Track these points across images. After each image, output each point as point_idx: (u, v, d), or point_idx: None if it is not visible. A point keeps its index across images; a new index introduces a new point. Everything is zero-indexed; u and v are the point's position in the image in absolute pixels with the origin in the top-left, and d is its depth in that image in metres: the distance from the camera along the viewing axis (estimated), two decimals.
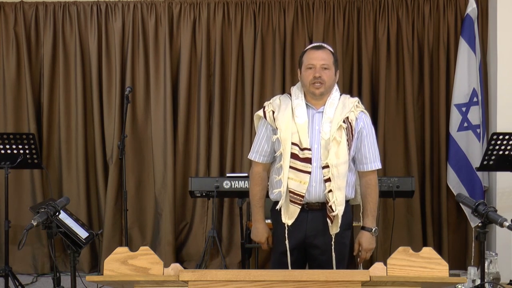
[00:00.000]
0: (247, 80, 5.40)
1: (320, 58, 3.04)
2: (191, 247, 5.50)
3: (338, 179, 2.99)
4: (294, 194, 3.01)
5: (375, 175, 3.17)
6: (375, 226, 3.14)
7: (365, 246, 3.13)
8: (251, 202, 3.23)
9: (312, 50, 3.11)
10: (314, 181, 3.00)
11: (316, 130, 3.03)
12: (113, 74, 5.45)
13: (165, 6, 5.43)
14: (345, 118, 3.03)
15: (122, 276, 2.14)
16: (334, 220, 3.01)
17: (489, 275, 3.32)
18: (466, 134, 5.09)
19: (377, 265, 2.15)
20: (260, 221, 3.20)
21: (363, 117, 3.11)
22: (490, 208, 2.82)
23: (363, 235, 3.14)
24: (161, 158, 5.44)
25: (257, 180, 3.17)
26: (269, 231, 3.24)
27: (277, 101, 3.13)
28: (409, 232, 5.32)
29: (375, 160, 3.14)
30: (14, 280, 4.39)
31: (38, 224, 2.87)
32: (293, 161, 3.00)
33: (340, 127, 3.00)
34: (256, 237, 3.24)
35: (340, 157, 2.99)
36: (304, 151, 3.00)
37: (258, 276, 2.12)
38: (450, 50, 5.28)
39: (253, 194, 3.19)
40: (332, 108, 3.06)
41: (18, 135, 4.51)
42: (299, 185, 2.99)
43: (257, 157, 3.16)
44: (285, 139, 3.01)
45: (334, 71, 3.09)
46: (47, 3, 5.48)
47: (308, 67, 3.05)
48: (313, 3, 5.37)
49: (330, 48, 3.16)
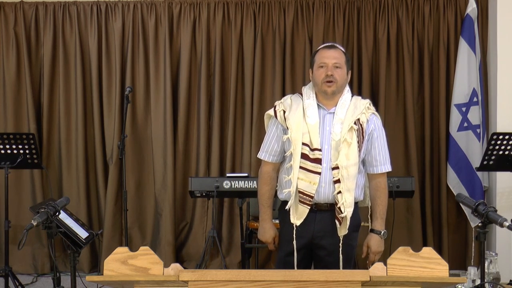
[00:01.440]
0: (247, 80, 5.40)
1: (332, 57, 3.03)
2: (191, 247, 5.51)
3: (348, 181, 2.97)
4: (303, 194, 3.00)
5: (385, 177, 3.15)
6: (384, 229, 3.12)
7: (373, 249, 3.12)
8: (259, 202, 3.21)
9: (324, 49, 3.10)
10: (323, 182, 2.99)
11: (327, 131, 3.02)
12: (113, 74, 5.45)
13: (165, 6, 5.43)
14: (356, 120, 3.01)
15: (122, 276, 2.14)
16: (342, 222, 3.00)
17: (489, 275, 3.32)
18: (466, 134, 5.09)
19: (377, 265, 2.15)
20: (267, 221, 3.19)
21: (374, 119, 3.10)
22: (490, 208, 2.83)
23: (372, 238, 3.12)
24: (161, 158, 5.44)
25: (266, 179, 3.16)
26: (276, 231, 3.23)
27: (288, 100, 3.11)
28: (409, 232, 5.31)
29: (385, 163, 3.13)
30: (14, 280, 4.39)
31: (38, 224, 2.87)
32: (303, 161, 2.99)
33: (351, 129, 2.99)
34: (263, 236, 3.23)
35: (351, 158, 2.97)
36: (315, 151, 2.98)
37: (258, 276, 2.12)
38: (450, 50, 5.28)
39: (261, 193, 3.18)
40: (343, 109, 3.04)
41: (18, 135, 4.51)
42: (308, 185, 2.98)
43: (267, 157, 3.15)
44: (295, 139, 3.00)
45: (346, 71, 3.08)
46: (47, 3, 5.48)
47: (320, 66, 3.04)
48: (313, 3, 5.37)
49: (342, 48, 3.15)
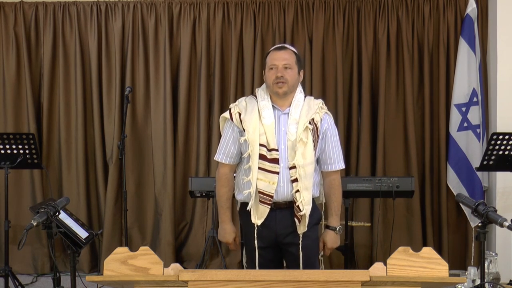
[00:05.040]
0: (247, 80, 5.40)
1: (281, 58, 3.10)
2: (191, 247, 5.50)
3: (305, 179, 3.04)
4: (263, 194, 3.05)
5: (339, 175, 3.24)
6: (339, 225, 3.21)
7: (329, 244, 3.21)
8: (218, 204, 3.27)
9: (274, 51, 3.18)
10: (282, 181, 3.05)
11: (283, 131, 3.08)
12: (113, 74, 5.45)
13: (165, 6, 5.43)
14: (310, 120, 3.08)
15: (122, 276, 2.14)
16: (301, 219, 3.07)
17: (489, 275, 3.33)
18: (466, 134, 5.09)
19: (377, 265, 2.15)
20: (227, 222, 3.25)
21: (327, 119, 3.17)
22: (490, 208, 2.83)
23: (328, 234, 3.20)
24: (161, 158, 5.44)
25: (224, 181, 3.20)
26: (236, 232, 3.29)
27: (243, 103, 3.17)
28: (409, 232, 5.31)
29: (338, 161, 3.20)
30: (14, 280, 4.39)
31: (38, 224, 2.88)
32: (262, 162, 3.04)
33: (306, 128, 3.06)
34: (224, 237, 3.28)
35: (307, 157, 3.04)
36: (272, 151, 3.04)
37: (258, 276, 2.12)
38: (450, 50, 5.28)
39: (220, 195, 3.23)
40: (297, 109, 3.11)
41: (18, 135, 4.51)
42: (268, 185, 3.04)
43: (224, 159, 3.19)
44: (253, 141, 3.05)
45: (297, 71, 3.15)
46: (47, 3, 5.48)
47: (270, 68, 3.12)
48: (313, 3, 5.37)
49: (293, 48, 3.21)
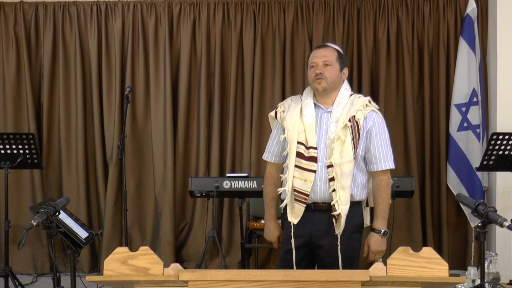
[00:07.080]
0: (247, 80, 5.40)
1: (321, 55, 3.08)
2: (191, 247, 5.50)
3: (342, 178, 2.97)
4: (298, 192, 3.02)
5: (387, 175, 3.12)
6: (385, 228, 3.10)
7: (373, 248, 3.10)
8: (264, 202, 3.26)
9: (315, 49, 3.18)
10: (319, 180, 3.00)
11: (324, 130, 3.04)
12: (113, 74, 5.45)
13: (165, 6, 5.43)
14: (351, 117, 3.01)
15: (122, 276, 2.14)
16: (337, 219, 3.00)
17: (489, 275, 3.32)
18: (466, 134, 5.09)
19: (377, 265, 2.15)
20: (271, 220, 3.24)
21: (374, 116, 3.07)
22: (490, 208, 2.82)
23: (372, 237, 3.11)
24: (161, 158, 5.44)
25: (269, 179, 3.22)
26: (280, 230, 3.25)
27: (288, 101, 3.18)
28: (409, 232, 5.31)
29: (385, 160, 3.09)
30: (14, 280, 4.39)
31: (38, 224, 2.87)
32: (298, 160, 3.02)
33: (345, 126, 2.99)
34: (268, 236, 3.28)
35: (344, 156, 2.97)
36: (310, 150, 3.01)
37: (258, 276, 2.12)
38: (450, 50, 5.28)
39: (265, 193, 3.24)
40: (340, 107, 3.06)
41: (18, 135, 4.51)
42: (303, 183, 3.00)
43: (270, 157, 3.21)
44: (291, 138, 3.04)
45: (339, 68, 3.09)
46: (47, 3, 5.48)
47: (311, 66, 3.10)
48: (313, 3, 5.37)
49: (336, 46, 3.18)
